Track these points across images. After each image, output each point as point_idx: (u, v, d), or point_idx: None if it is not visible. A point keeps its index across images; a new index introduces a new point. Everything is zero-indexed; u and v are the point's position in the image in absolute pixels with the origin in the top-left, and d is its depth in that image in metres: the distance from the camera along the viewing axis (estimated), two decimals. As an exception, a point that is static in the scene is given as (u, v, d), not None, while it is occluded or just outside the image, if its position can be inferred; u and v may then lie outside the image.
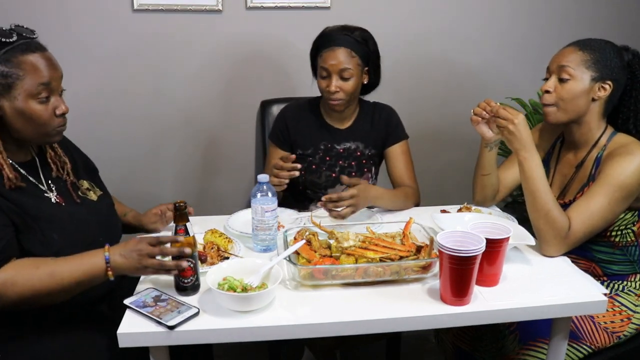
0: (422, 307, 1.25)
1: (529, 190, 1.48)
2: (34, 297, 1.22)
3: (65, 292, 1.25)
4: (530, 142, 1.47)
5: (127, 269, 1.25)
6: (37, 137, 1.32)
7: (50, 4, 2.16)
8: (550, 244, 1.46)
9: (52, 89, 1.29)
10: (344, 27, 1.82)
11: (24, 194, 1.31)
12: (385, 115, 1.95)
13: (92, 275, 1.24)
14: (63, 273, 1.23)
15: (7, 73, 1.23)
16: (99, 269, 1.24)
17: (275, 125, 1.97)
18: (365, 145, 1.93)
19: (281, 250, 1.39)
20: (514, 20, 2.47)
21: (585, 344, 1.50)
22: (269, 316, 1.22)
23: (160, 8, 2.22)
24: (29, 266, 1.23)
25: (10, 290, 1.20)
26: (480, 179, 1.73)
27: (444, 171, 2.64)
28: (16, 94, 1.25)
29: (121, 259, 1.24)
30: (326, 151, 1.92)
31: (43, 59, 1.27)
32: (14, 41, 1.24)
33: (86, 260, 1.25)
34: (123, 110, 2.33)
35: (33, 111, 1.27)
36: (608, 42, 1.54)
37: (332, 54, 1.77)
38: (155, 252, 1.24)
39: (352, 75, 1.78)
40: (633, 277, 1.59)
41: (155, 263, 1.24)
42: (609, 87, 1.51)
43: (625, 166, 1.45)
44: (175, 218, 1.26)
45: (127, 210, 1.69)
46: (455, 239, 1.26)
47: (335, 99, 1.79)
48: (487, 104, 1.57)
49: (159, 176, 2.44)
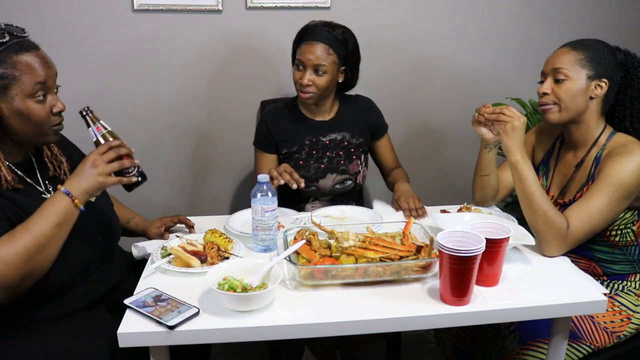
0: (422, 307, 1.25)
1: (526, 193, 1.48)
2: (28, 263, 1.20)
3: (52, 243, 1.24)
4: (523, 145, 1.50)
5: (89, 187, 1.26)
6: (35, 137, 1.32)
7: (51, 4, 2.16)
8: (550, 244, 1.46)
9: (48, 87, 1.29)
10: (327, 24, 1.86)
11: (22, 194, 1.31)
12: (368, 106, 2.03)
13: (64, 214, 1.24)
14: (39, 226, 1.22)
15: (3, 74, 1.22)
16: (65, 205, 1.24)
17: (258, 132, 2.00)
18: (352, 134, 1.98)
19: (281, 250, 1.39)
20: (514, 20, 2.48)
21: (585, 343, 1.50)
22: (269, 316, 1.22)
23: (160, 8, 2.22)
24: (6, 240, 1.20)
25: (3, 268, 1.17)
26: (480, 179, 1.73)
27: (444, 171, 2.64)
28: (13, 94, 1.24)
29: (80, 183, 1.26)
30: (312, 145, 1.95)
31: (37, 58, 1.27)
32: (6, 41, 1.24)
33: (51, 204, 1.25)
34: (122, 110, 2.33)
35: (31, 111, 1.27)
36: (600, 40, 1.55)
37: (310, 48, 1.80)
38: (110, 156, 1.27)
39: (326, 71, 1.81)
40: (633, 277, 1.60)
41: (115, 165, 1.27)
42: (605, 84, 1.51)
43: (625, 166, 1.45)
44: (88, 122, 1.32)
45: (131, 216, 1.69)
46: (455, 239, 1.26)
47: (306, 92, 1.84)
48: (485, 108, 1.58)
49: (158, 176, 2.44)
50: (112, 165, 1.27)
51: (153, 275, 1.40)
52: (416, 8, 2.39)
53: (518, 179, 1.49)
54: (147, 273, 1.40)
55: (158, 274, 1.40)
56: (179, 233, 1.63)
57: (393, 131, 2.10)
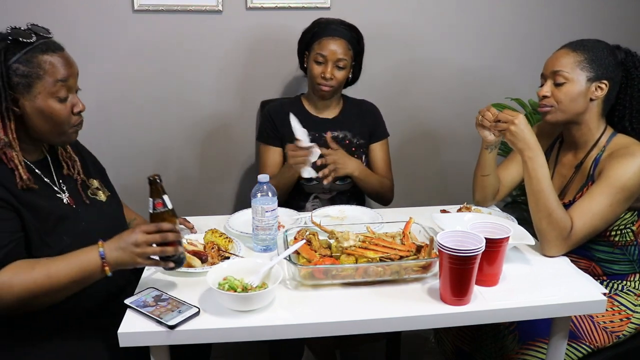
0: (422, 307, 1.26)
1: (533, 190, 1.48)
2: (31, 299, 1.22)
3: (62, 292, 1.24)
4: (534, 141, 1.47)
5: (123, 261, 1.23)
6: (55, 136, 1.33)
7: (51, 4, 2.16)
8: (552, 244, 1.46)
9: (70, 87, 1.31)
10: (342, 22, 1.94)
11: (37, 195, 1.30)
12: (372, 111, 2.06)
13: (88, 272, 1.23)
14: (59, 272, 1.21)
15: (28, 73, 1.24)
16: (94, 266, 1.22)
17: (262, 125, 2.03)
18: (353, 134, 2.01)
19: (281, 250, 1.39)
20: (514, 20, 2.47)
21: (584, 343, 1.51)
22: (269, 316, 1.22)
23: (161, 9, 2.22)
24: (25, 268, 1.22)
25: (7, 294, 1.19)
26: (480, 179, 1.73)
27: (444, 171, 2.64)
28: (36, 92, 1.26)
29: (117, 253, 1.23)
30: (314, 140, 1.95)
31: (61, 59, 1.29)
32: (33, 41, 1.26)
33: (81, 258, 1.23)
34: (123, 111, 2.33)
35: (53, 110, 1.28)
36: (600, 40, 1.54)
37: (334, 42, 1.87)
38: (156, 239, 1.23)
39: (345, 66, 1.90)
40: (633, 277, 1.60)
41: (157, 250, 1.23)
42: (605, 86, 1.51)
43: (626, 167, 1.45)
44: (152, 192, 1.25)
45: (132, 217, 1.68)
46: (455, 238, 1.26)
47: (327, 85, 1.89)
48: (487, 111, 1.57)
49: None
50: (153, 250, 1.23)
51: (153, 275, 1.40)
52: (416, 8, 2.39)
53: (527, 176, 1.49)
54: (148, 273, 1.40)
55: (158, 274, 1.40)
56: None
57: (392, 131, 2.10)
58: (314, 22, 1.96)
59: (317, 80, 1.89)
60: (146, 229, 1.23)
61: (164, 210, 1.26)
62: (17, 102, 1.26)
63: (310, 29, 1.95)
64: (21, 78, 1.24)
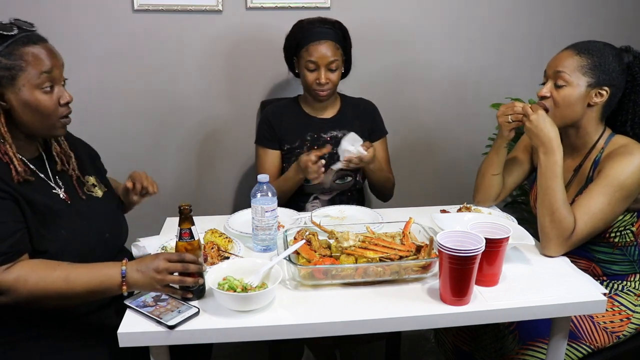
0: (422, 307, 1.26)
1: (541, 187, 1.48)
2: (43, 299, 1.23)
3: (75, 299, 1.25)
4: (550, 138, 1.46)
5: (142, 285, 1.24)
6: (44, 129, 1.33)
7: (51, 4, 2.16)
8: (552, 243, 1.46)
9: (55, 77, 1.31)
10: (322, 21, 1.89)
11: (34, 189, 1.31)
12: (370, 109, 2.05)
13: (106, 287, 1.24)
14: (77, 280, 1.22)
15: (10, 65, 1.24)
16: (114, 282, 1.23)
17: (260, 128, 2.02)
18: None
19: (281, 250, 1.39)
20: (513, 20, 2.47)
21: (584, 343, 1.51)
22: (269, 316, 1.22)
23: (161, 8, 2.22)
24: (45, 267, 1.23)
25: (22, 287, 1.20)
26: (489, 178, 1.72)
27: (444, 171, 2.64)
28: (20, 85, 1.26)
29: (138, 275, 1.23)
30: (313, 141, 1.96)
31: (44, 50, 1.29)
32: (15, 34, 1.26)
33: (103, 272, 1.24)
34: (123, 110, 2.33)
35: (38, 101, 1.28)
36: (607, 44, 1.52)
37: (322, 46, 1.84)
38: (177, 268, 1.22)
39: (338, 66, 1.88)
40: (632, 277, 1.60)
41: (176, 279, 1.23)
42: (605, 92, 1.50)
43: (625, 166, 1.45)
44: (181, 221, 1.26)
45: (115, 185, 1.67)
46: (455, 239, 1.26)
47: (324, 90, 1.87)
48: (514, 106, 1.56)
49: (158, 176, 2.40)
50: (172, 279, 1.23)
51: (153, 275, 1.39)
52: (416, 8, 2.39)
53: (539, 172, 1.50)
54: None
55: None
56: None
57: (391, 130, 2.10)
58: (295, 25, 1.92)
59: (313, 87, 1.88)
60: (169, 257, 1.24)
61: (190, 240, 1.26)
62: (3, 96, 1.26)
63: (293, 34, 1.92)
64: (4, 71, 1.24)
